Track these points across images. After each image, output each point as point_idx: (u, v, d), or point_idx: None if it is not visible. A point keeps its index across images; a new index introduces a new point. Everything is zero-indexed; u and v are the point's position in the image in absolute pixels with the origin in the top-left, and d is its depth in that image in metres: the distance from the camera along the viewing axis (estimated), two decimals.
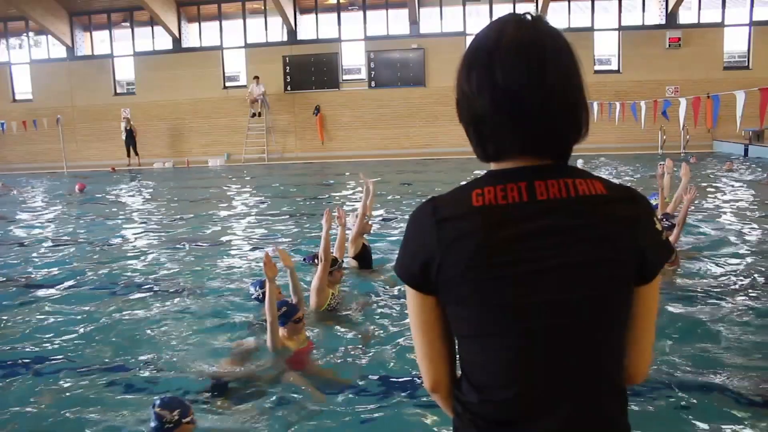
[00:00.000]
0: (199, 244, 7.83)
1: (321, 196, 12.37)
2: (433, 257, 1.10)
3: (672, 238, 5.05)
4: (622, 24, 20.00)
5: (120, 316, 5.10)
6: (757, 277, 5.50)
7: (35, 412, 3.55)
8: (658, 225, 1.14)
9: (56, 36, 21.34)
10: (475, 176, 1.15)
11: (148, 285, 6.02)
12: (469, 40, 1.16)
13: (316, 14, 21.13)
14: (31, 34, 22.33)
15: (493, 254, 1.06)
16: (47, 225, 9.97)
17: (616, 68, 20.11)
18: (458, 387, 1.19)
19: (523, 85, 1.06)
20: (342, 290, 5.11)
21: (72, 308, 5.35)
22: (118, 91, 22.32)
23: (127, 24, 21.99)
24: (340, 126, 21.03)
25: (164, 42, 21.51)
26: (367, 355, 4.21)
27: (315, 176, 16.22)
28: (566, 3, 20.08)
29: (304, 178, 15.88)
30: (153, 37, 21.72)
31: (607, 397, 1.13)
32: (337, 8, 21.01)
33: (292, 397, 3.62)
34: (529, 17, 1.11)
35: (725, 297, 4.99)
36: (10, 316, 5.21)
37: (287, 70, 20.88)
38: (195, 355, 4.24)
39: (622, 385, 1.16)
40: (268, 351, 3.93)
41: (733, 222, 8.09)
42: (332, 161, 19.03)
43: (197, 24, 21.74)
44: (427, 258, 1.11)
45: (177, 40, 21.35)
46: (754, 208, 9.08)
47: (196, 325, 4.83)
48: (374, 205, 7.60)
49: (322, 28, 21.10)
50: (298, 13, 20.95)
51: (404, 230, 1.18)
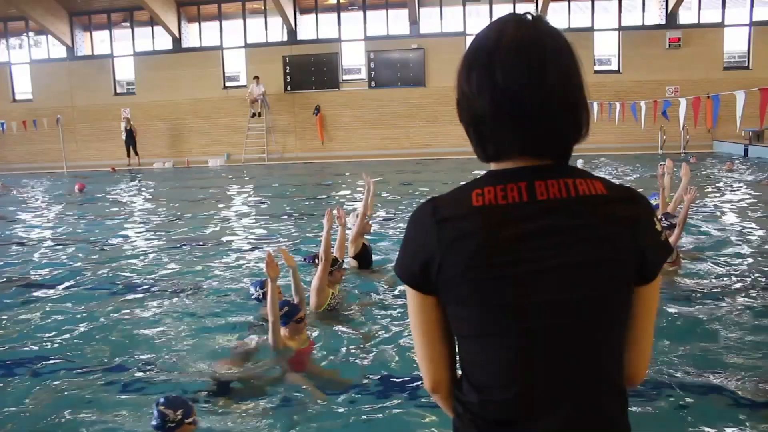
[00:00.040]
0: (199, 244, 7.82)
1: (321, 196, 12.36)
2: (434, 257, 1.10)
3: (673, 238, 5.05)
4: (622, 24, 20.00)
5: (120, 316, 5.10)
6: (758, 278, 5.50)
7: (35, 412, 3.55)
8: (657, 225, 1.15)
9: (56, 36, 21.34)
10: (475, 176, 1.15)
11: (148, 285, 6.02)
12: (469, 40, 1.16)
13: (316, 14, 21.13)
14: (31, 34, 22.34)
15: (494, 254, 1.06)
16: (47, 225, 9.96)
17: (616, 68, 20.12)
18: (458, 387, 1.18)
19: (523, 85, 1.06)
20: (342, 290, 5.11)
21: (71, 308, 5.35)
22: (118, 91, 22.33)
23: (127, 24, 21.99)
24: (340, 126, 21.03)
25: (164, 42, 21.51)
26: (368, 355, 4.22)
27: (315, 176, 16.21)
28: (566, 3, 20.08)
29: (304, 178, 15.88)
30: (153, 37, 21.72)
31: (607, 397, 1.13)
32: (337, 8, 21.01)
33: (293, 397, 3.62)
34: (529, 17, 1.10)
35: (726, 297, 4.99)
36: (9, 316, 5.21)
37: (287, 70, 20.88)
38: (195, 355, 4.24)
39: (622, 385, 1.16)
40: (268, 351, 3.93)
41: (734, 222, 8.09)
42: (332, 161, 19.03)
43: (197, 24, 21.74)
44: (427, 258, 1.11)
45: (177, 40, 21.35)
46: (755, 209, 9.08)
47: (196, 325, 4.83)
48: (374, 205, 7.60)
49: (322, 28, 21.10)
50: (298, 13, 20.95)
51: (404, 230, 1.18)
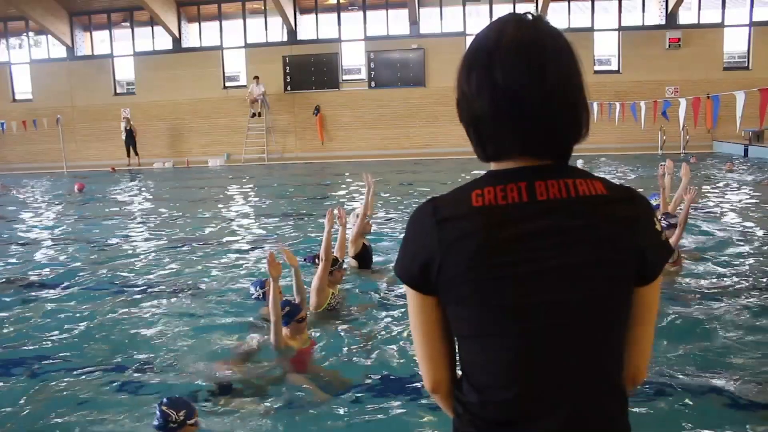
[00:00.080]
0: (199, 244, 7.82)
1: (321, 196, 12.36)
2: (434, 258, 1.10)
3: (674, 238, 5.05)
4: (622, 24, 20.00)
5: (119, 316, 5.10)
6: (758, 278, 5.50)
7: (34, 411, 3.55)
8: (657, 225, 1.15)
9: (56, 36, 21.34)
10: (475, 176, 1.15)
11: (148, 285, 6.01)
12: (469, 40, 1.16)
13: (316, 14, 21.13)
14: (31, 34, 22.34)
15: (494, 254, 1.06)
16: (47, 225, 9.96)
17: (616, 68, 20.11)
18: (458, 387, 1.18)
19: (523, 85, 1.06)
20: (342, 290, 5.11)
21: (71, 308, 5.35)
22: (118, 91, 22.32)
23: (127, 24, 21.99)
24: (340, 126, 21.03)
25: (164, 42, 21.51)
26: (368, 355, 4.21)
27: (315, 176, 16.20)
28: (566, 3, 20.08)
29: (304, 179, 15.88)
30: (153, 37, 21.72)
31: (608, 397, 1.13)
32: (337, 8, 21.00)
33: (294, 397, 3.62)
34: (529, 17, 1.10)
35: (726, 297, 4.99)
36: (9, 316, 5.21)
37: (287, 70, 20.88)
38: (195, 355, 4.24)
39: (622, 385, 1.16)
40: (269, 351, 3.93)
41: (734, 222, 8.09)
42: (332, 161, 19.03)
43: (197, 24, 21.74)
44: (427, 258, 1.11)
45: (177, 40, 21.35)
46: (755, 209, 9.08)
47: (196, 325, 4.83)
48: (374, 205, 7.60)
49: (322, 28, 21.10)
50: (298, 13, 20.95)
51: (404, 230, 1.18)
